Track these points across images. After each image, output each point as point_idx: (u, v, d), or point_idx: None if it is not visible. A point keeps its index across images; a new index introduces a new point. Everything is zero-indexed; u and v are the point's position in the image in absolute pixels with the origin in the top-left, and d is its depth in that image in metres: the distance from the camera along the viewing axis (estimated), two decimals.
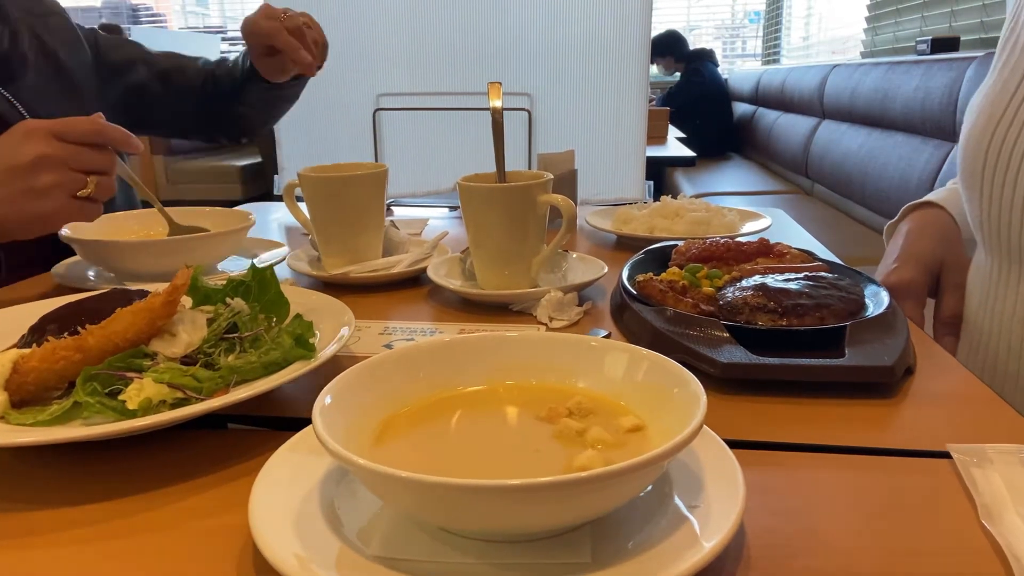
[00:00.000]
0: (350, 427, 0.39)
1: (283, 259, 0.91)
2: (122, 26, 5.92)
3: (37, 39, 1.06)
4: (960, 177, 0.80)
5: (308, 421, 0.52)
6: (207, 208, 1.00)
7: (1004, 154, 0.72)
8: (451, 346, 0.47)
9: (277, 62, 1.14)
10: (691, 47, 5.15)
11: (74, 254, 0.90)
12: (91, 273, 0.89)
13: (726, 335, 0.60)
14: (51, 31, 1.09)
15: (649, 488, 0.39)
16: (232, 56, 1.23)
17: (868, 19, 3.65)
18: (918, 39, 2.74)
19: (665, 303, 0.66)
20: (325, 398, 0.39)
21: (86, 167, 0.77)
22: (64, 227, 0.87)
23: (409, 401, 0.44)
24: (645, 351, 0.44)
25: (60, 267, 0.90)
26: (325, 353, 0.54)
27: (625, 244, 1.04)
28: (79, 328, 0.51)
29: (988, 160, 0.74)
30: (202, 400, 0.48)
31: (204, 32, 6.60)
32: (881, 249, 0.93)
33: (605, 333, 0.68)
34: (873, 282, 0.70)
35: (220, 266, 0.92)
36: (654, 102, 4.61)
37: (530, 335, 0.49)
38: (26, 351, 0.50)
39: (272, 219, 1.30)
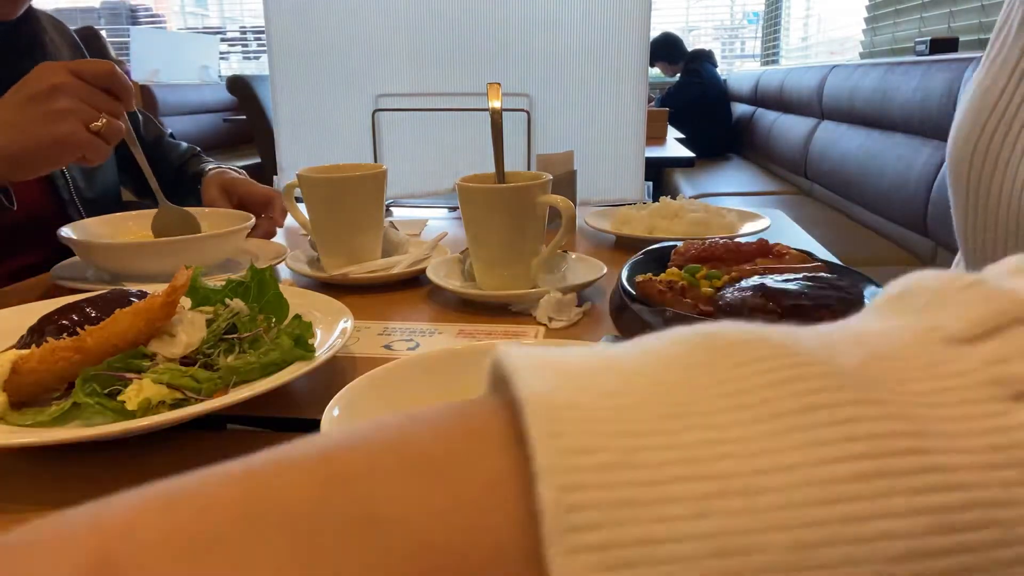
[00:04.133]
0: None
1: (282, 259, 0.91)
2: (121, 27, 5.92)
3: None
4: (948, 180, 0.74)
5: (307, 422, 0.52)
6: (206, 209, 1.00)
7: (989, 161, 0.66)
8: (465, 354, 0.46)
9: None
10: (690, 48, 5.15)
11: (72, 255, 0.91)
12: (90, 274, 0.89)
13: None
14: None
15: None
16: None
17: (867, 20, 3.65)
18: (917, 40, 2.74)
19: (664, 304, 0.66)
20: (333, 409, 0.38)
21: (98, 104, 0.81)
22: (64, 228, 0.88)
23: None
24: None
25: (59, 268, 0.90)
26: (324, 354, 0.54)
27: (624, 245, 1.04)
28: (78, 329, 0.51)
29: (973, 166, 0.68)
30: (201, 401, 0.48)
31: (203, 32, 6.60)
32: (880, 249, 0.93)
33: (617, 340, 0.67)
34: (872, 282, 0.70)
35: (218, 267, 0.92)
36: (653, 103, 4.60)
37: (546, 343, 0.48)
38: (25, 352, 0.50)
39: None
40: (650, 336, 0.19)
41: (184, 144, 1.31)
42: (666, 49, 4.99)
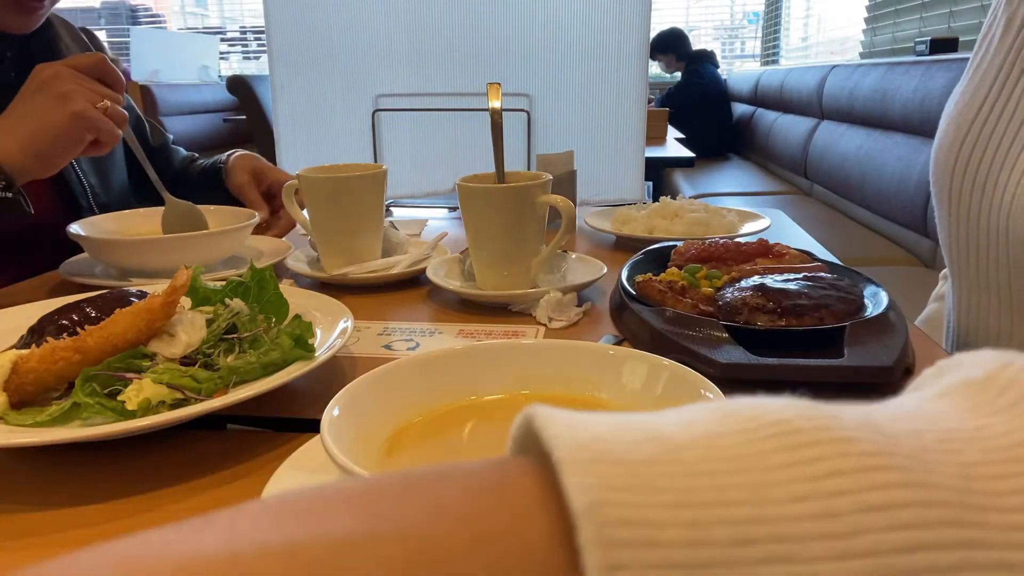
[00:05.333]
0: (360, 439, 0.38)
1: (288, 254, 0.91)
2: (121, 27, 5.91)
3: None
4: (932, 190, 0.74)
5: (307, 422, 0.52)
6: (212, 207, 1.00)
7: (970, 173, 0.65)
8: (465, 354, 0.46)
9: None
10: (692, 48, 5.15)
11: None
12: (98, 270, 0.90)
13: (725, 335, 0.60)
14: None
15: None
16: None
17: (867, 20, 3.65)
18: (917, 40, 2.75)
19: (664, 303, 0.66)
20: (334, 409, 0.38)
21: (96, 89, 0.85)
22: (73, 224, 0.88)
23: (422, 411, 0.43)
24: (666, 361, 0.43)
25: (68, 264, 0.91)
26: (324, 354, 0.54)
27: (624, 245, 1.04)
28: (78, 329, 0.51)
29: (955, 177, 0.67)
30: (201, 401, 0.48)
31: (203, 32, 6.60)
32: (880, 249, 0.92)
33: (617, 339, 0.67)
34: (872, 282, 0.70)
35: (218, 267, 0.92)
36: (653, 103, 4.60)
37: (547, 343, 0.48)
38: (25, 352, 0.50)
39: None
40: (697, 409, 0.17)
41: (182, 150, 1.32)
42: (673, 43, 4.99)
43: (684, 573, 0.14)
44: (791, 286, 0.65)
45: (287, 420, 0.53)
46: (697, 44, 5.34)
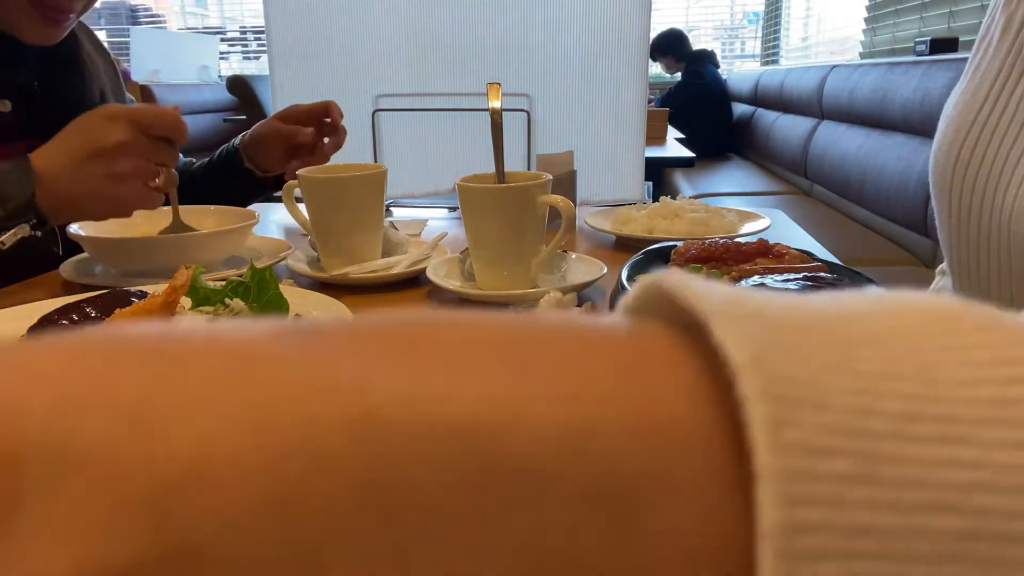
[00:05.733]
0: None
1: (288, 254, 0.91)
2: (121, 27, 5.91)
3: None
4: (931, 191, 0.73)
5: None
6: (212, 207, 1.00)
7: (971, 174, 0.65)
8: None
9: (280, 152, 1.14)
10: (692, 48, 5.15)
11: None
12: (98, 270, 0.89)
13: None
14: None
15: None
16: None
17: (867, 20, 3.65)
18: (917, 40, 2.75)
19: None
20: None
21: (158, 159, 0.80)
22: (73, 224, 0.88)
23: None
24: None
25: (67, 264, 0.91)
26: None
27: (624, 245, 1.04)
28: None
29: (955, 178, 0.66)
30: None
31: (203, 32, 6.60)
32: (880, 249, 0.92)
33: None
34: (872, 282, 0.70)
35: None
36: (653, 102, 4.60)
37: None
38: None
39: (272, 220, 1.30)
40: (834, 294, 0.16)
41: (180, 156, 1.32)
42: (672, 44, 4.99)
43: (851, 441, 0.12)
44: (791, 286, 0.65)
45: None
46: (697, 44, 5.33)
